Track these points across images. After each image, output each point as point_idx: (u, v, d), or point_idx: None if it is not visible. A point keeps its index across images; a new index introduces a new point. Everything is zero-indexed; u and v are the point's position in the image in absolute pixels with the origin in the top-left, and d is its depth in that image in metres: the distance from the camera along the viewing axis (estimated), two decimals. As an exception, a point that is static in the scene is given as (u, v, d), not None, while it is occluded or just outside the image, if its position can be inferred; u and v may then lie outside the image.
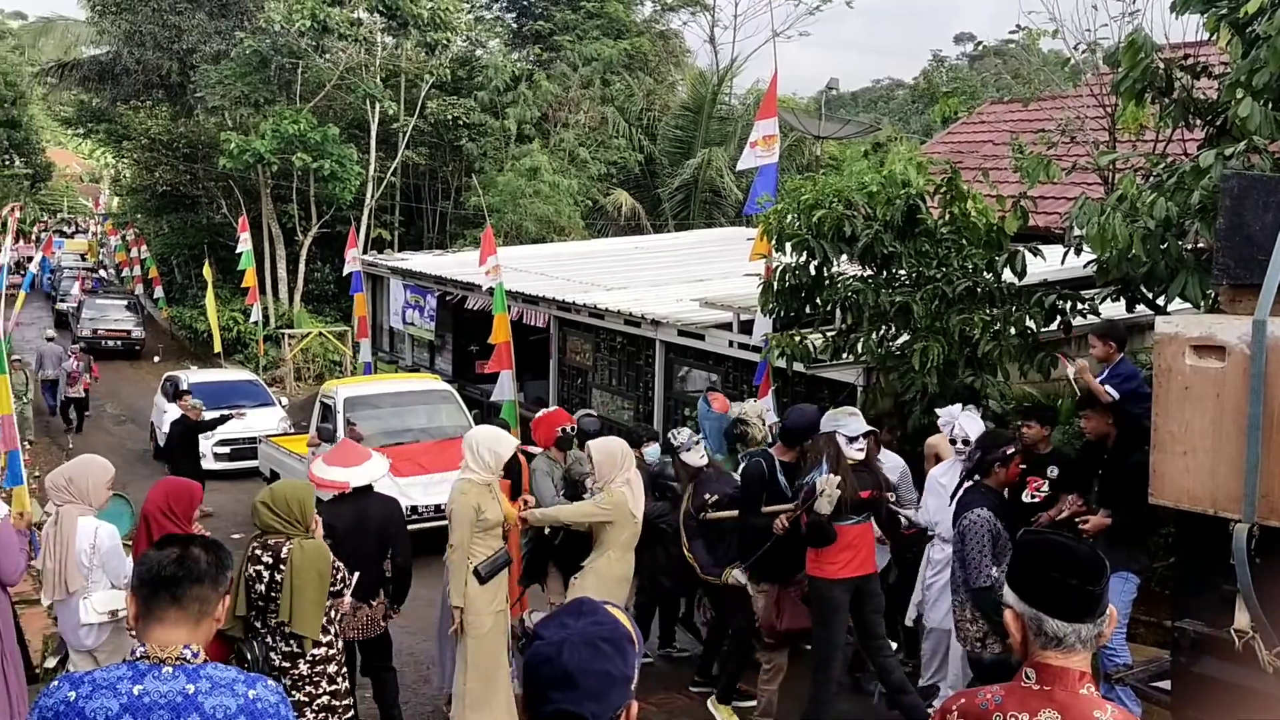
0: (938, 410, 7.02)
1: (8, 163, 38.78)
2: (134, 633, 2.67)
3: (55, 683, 2.62)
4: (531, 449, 7.81)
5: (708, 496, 6.72)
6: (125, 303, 29.94)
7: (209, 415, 12.81)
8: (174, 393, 15.98)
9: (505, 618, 6.35)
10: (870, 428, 6.14)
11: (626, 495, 6.25)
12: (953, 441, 6.68)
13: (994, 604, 5.60)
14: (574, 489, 7.19)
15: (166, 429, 13.60)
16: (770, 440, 7.67)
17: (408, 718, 7.17)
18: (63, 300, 33.80)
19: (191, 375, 17.88)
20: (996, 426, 6.93)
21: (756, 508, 6.34)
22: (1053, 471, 6.74)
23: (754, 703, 6.84)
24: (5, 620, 5.23)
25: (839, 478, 5.78)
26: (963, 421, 6.66)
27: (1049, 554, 2.42)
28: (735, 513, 6.60)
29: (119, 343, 27.96)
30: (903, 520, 6.25)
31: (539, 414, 8.06)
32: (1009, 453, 5.85)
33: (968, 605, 5.85)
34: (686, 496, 6.89)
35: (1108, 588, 2.41)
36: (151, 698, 2.52)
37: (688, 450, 6.94)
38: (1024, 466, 6.56)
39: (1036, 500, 6.69)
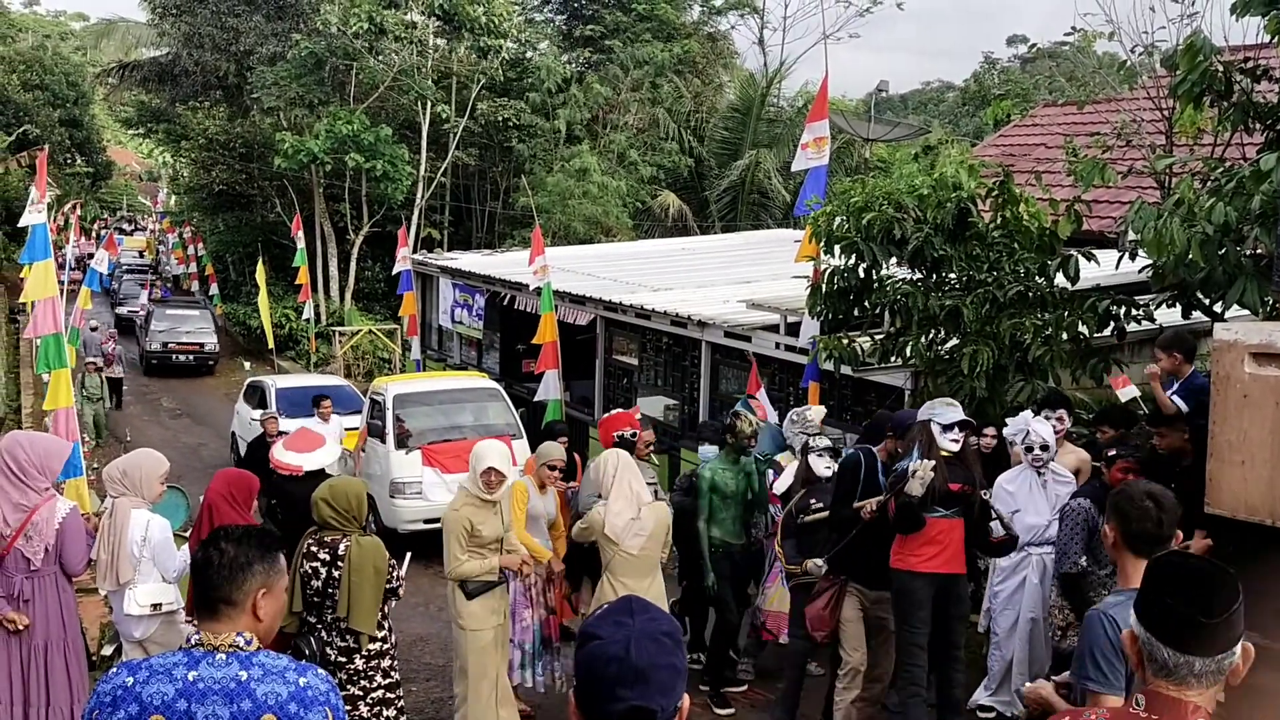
0: (1008, 420, 6.90)
1: (70, 161, 39.68)
2: (194, 622, 2.74)
3: (114, 669, 2.70)
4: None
5: (814, 503, 6.60)
6: (197, 311, 26.81)
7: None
8: (260, 400, 15.17)
9: (505, 630, 6.37)
10: (966, 418, 5.92)
11: (596, 517, 6.05)
12: (1029, 449, 6.53)
13: (1078, 592, 5.74)
14: None
15: (251, 438, 12.74)
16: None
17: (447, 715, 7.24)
18: (123, 304, 32.00)
19: (279, 380, 16.65)
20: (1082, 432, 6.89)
21: (848, 501, 6.19)
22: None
23: (730, 710, 7.02)
24: (68, 609, 5.35)
25: (932, 461, 5.63)
26: (1035, 427, 6.49)
27: (1171, 576, 2.26)
28: (826, 514, 6.50)
29: (191, 357, 25.02)
30: (993, 526, 6.04)
31: (606, 415, 8.01)
32: (1110, 455, 5.83)
33: (1058, 593, 5.86)
34: (795, 497, 6.80)
35: (1235, 622, 2.20)
36: (206, 683, 2.59)
37: (819, 455, 6.79)
38: (1097, 466, 6.54)
39: None
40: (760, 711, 7.10)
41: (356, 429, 12.89)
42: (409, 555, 5.80)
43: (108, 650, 6.87)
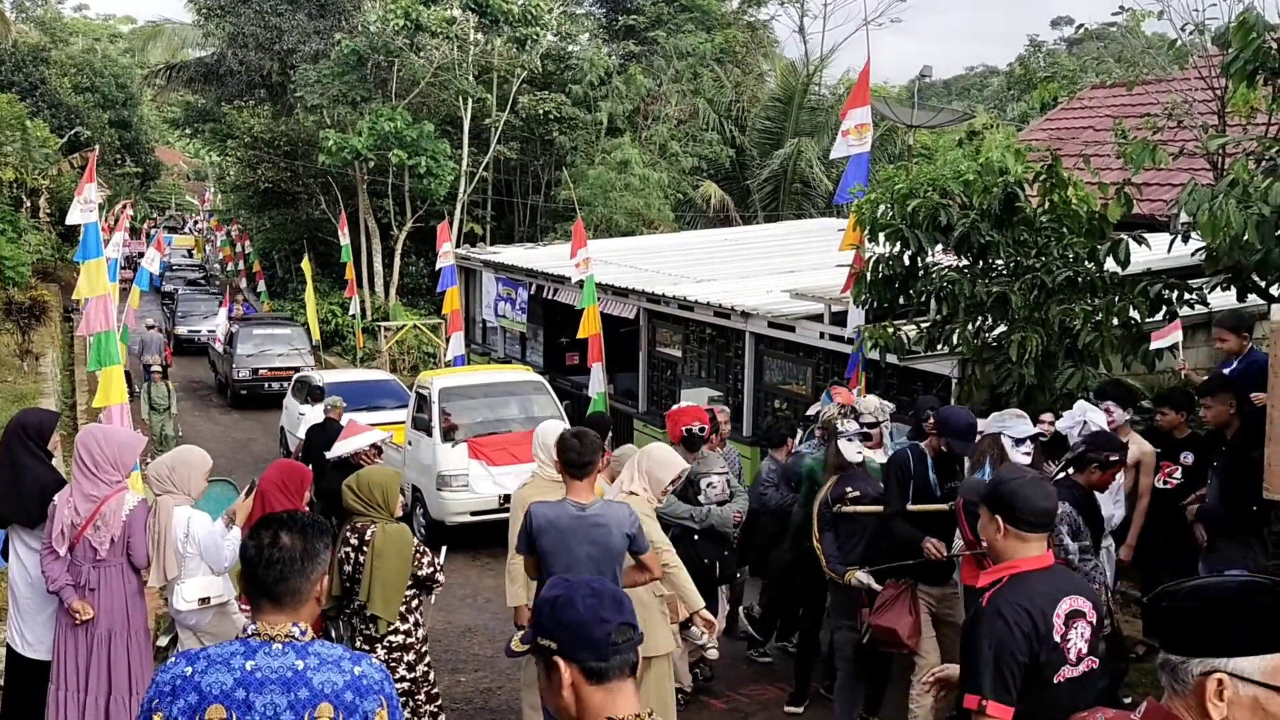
0: (1060, 411, 6.74)
1: (119, 162, 40.38)
2: (247, 611, 2.78)
3: (172, 659, 2.75)
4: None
5: (849, 490, 6.33)
6: (288, 329, 22.96)
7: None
8: (307, 395, 15.01)
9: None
10: (1038, 430, 5.76)
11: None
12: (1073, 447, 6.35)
13: None
14: (685, 489, 6.95)
15: (301, 434, 12.40)
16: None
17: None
18: (184, 320, 29.32)
19: (327, 375, 16.39)
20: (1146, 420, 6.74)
21: (901, 502, 5.97)
22: (1187, 457, 6.55)
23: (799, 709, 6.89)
24: (133, 600, 5.45)
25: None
26: (1092, 418, 6.25)
27: (1183, 589, 2.09)
28: (876, 509, 6.20)
29: (284, 384, 18.76)
30: (1066, 545, 5.91)
31: (674, 408, 7.87)
32: (1112, 459, 5.65)
33: None
34: (827, 486, 6.52)
35: (1184, 625, 2.00)
36: (263, 673, 2.63)
37: (849, 440, 6.48)
38: (1158, 451, 6.39)
39: (1169, 487, 6.51)
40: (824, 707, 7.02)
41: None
42: (445, 549, 5.82)
43: (163, 641, 7.00)
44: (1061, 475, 5.75)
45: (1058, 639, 3.32)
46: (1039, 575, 3.38)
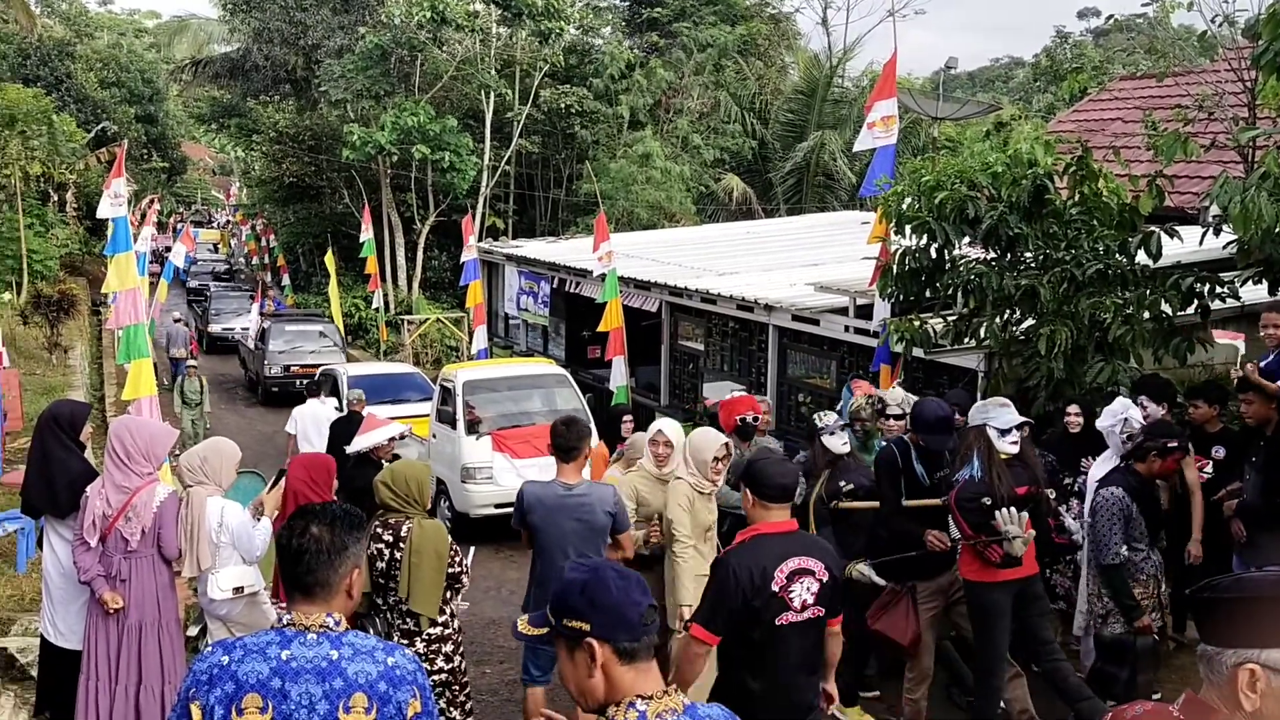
0: (1106, 407, 6.66)
1: (146, 157, 40.66)
2: (279, 603, 2.80)
3: (209, 648, 2.77)
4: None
5: (843, 484, 6.34)
6: (320, 325, 22.56)
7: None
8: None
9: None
10: (1024, 419, 5.75)
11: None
12: (1130, 438, 6.11)
13: (1120, 583, 5.69)
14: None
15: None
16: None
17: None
18: (217, 318, 28.57)
19: (350, 369, 16.14)
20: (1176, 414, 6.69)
21: (897, 499, 5.97)
22: (1218, 452, 6.49)
23: (875, 692, 6.72)
24: (164, 591, 5.49)
25: (1031, 533, 5.44)
26: (1134, 415, 6.16)
27: (1226, 580, 2.12)
28: (873, 504, 6.19)
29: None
30: (1069, 524, 5.86)
31: (728, 398, 7.94)
32: (1171, 445, 5.63)
33: (1098, 581, 5.76)
34: (820, 482, 6.50)
35: (1221, 616, 2.02)
36: (299, 662, 2.65)
37: (831, 434, 6.51)
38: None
39: (1200, 481, 6.45)
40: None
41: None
42: (473, 549, 5.83)
43: (193, 631, 7.06)
44: (1120, 464, 5.77)
45: (776, 589, 3.98)
46: (775, 538, 4.07)
